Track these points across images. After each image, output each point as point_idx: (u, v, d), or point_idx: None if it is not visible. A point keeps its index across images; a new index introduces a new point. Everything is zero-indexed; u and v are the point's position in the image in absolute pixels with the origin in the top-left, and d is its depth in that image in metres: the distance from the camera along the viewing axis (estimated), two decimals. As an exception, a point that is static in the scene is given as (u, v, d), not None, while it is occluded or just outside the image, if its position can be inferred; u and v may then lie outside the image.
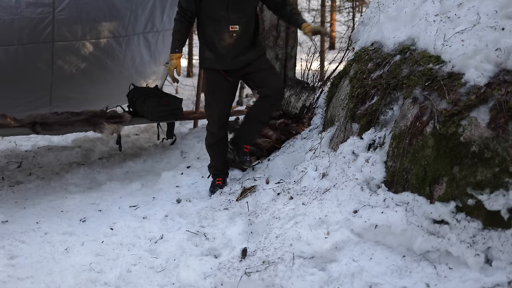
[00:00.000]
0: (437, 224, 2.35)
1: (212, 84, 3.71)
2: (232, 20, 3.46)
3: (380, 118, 2.91)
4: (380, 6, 3.49)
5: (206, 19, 3.53)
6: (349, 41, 3.94)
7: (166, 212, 3.52)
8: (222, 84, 3.66)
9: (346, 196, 2.77)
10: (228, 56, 3.55)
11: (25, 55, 4.83)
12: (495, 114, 2.31)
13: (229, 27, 3.47)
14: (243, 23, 3.50)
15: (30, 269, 2.82)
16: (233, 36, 3.50)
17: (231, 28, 3.47)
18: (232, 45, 3.52)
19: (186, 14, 3.56)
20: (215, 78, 3.66)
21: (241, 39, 3.53)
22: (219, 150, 3.86)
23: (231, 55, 3.55)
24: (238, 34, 3.50)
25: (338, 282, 2.33)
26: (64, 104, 5.43)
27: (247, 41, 3.57)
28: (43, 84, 5.29)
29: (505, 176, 2.21)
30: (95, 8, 4.97)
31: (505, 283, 2.06)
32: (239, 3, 3.45)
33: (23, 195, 4.12)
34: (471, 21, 2.69)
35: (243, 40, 3.54)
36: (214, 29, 3.52)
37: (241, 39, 3.52)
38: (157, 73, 6.62)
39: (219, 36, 3.51)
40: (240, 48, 3.55)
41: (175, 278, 2.70)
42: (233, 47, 3.53)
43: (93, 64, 5.53)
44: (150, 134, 6.31)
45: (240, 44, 3.54)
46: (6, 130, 4.34)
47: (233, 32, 3.49)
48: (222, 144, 3.85)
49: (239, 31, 3.49)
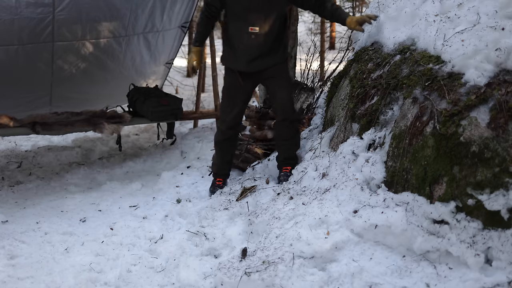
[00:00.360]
0: (437, 224, 2.35)
1: (227, 83, 3.66)
2: (251, 21, 3.35)
3: (380, 118, 2.91)
4: (380, 6, 3.49)
5: (230, 16, 3.46)
6: (349, 41, 3.94)
7: (166, 212, 3.52)
8: (235, 85, 3.59)
9: (346, 196, 2.77)
10: (243, 58, 3.45)
11: (25, 55, 4.83)
12: (495, 114, 2.30)
13: (248, 28, 3.35)
14: (264, 26, 3.35)
15: (30, 269, 2.82)
16: (252, 38, 3.37)
17: (251, 29, 3.35)
18: (250, 47, 3.40)
19: (210, 9, 3.50)
20: (230, 77, 3.61)
21: (261, 42, 3.39)
22: (225, 149, 3.79)
23: (247, 58, 3.44)
24: (258, 37, 3.37)
25: (338, 282, 2.33)
26: (64, 104, 5.44)
27: (267, 45, 3.41)
28: (43, 84, 5.29)
29: (505, 176, 2.21)
30: (95, 8, 4.97)
31: (505, 283, 2.06)
32: (261, 4, 3.31)
33: (23, 195, 4.12)
34: (471, 21, 2.69)
35: (263, 44, 3.39)
36: (235, 28, 3.43)
37: (260, 42, 3.39)
38: (157, 73, 6.62)
39: (238, 36, 3.42)
40: (258, 51, 3.41)
41: (175, 278, 2.70)
42: (251, 50, 3.41)
43: (93, 64, 5.53)
44: (150, 134, 6.31)
45: (259, 47, 3.40)
46: (6, 130, 4.34)
47: (252, 34, 3.36)
48: (229, 144, 3.77)
49: (259, 33, 3.36)
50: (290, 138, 3.62)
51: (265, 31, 3.38)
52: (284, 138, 3.63)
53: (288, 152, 3.63)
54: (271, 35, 3.41)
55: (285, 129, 3.61)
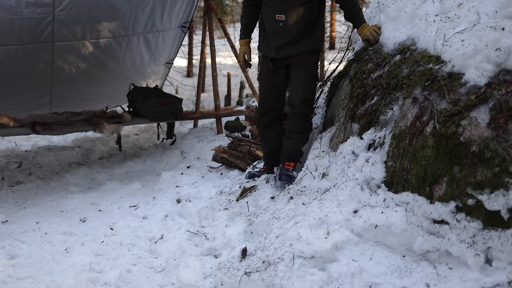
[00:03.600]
0: (437, 224, 2.35)
1: (262, 68, 3.71)
2: (278, 8, 3.34)
3: (380, 118, 2.91)
4: (380, 6, 3.49)
5: (262, 3, 3.48)
6: (349, 41, 3.93)
7: (166, 212, 3.52)
8: (267, 69, 3.60)
9: (346, 196, 2.77)
10: (273, 45, 3.46)
11: (25, 55, 4.83)
12: (495, 114, 2.30)
13: (275, 15, 3.35)
14: (292, 14, 3.32)
15: (30, 269, 2.82)
16: (280, 25, 3.36)
17: (277, 17, 3.34)
18: (278, 34, 3.40)
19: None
20: (263, 63, 3.65)
21: (288, 30, 3.36)
22: (264, 137, 3.74)
23: (276, 45, 3.44)
24: (285, 24, 3.34)
25: (338, 282, 2.33)
26: (64, 104, 5.45)
27: (295, 33, 3.36)
28: (43, 84, 5.29)
29: (505, 176, 2.20)
30: (95, 8, 4.97)
31: (505, 283, 2.06)
32: None
33: (23, 195, 4.12)
34: (471, 21, 2.69)
35: (291, 32, 3.36)
36: (266, 15, 3.45)
37: (288, 30, 3.36)
38: (157, 73, 6.62)
39: (268, 23, 3.44)
40: (286, 39, 3.39)
41: (175, 278, 2.70)
42: (279, 37, 3.40)
43: (93, 64, 5.53)
44: (150, 134, 6.32)
45: (286, 35, 3.37)
46: (6, 130, 4.34)
47: (280, 22, 3.35)
48: (266, 132, 3.71)
49: (286, 21, 3.33)
50: (299, 132, 3.53)
51: (293, 20, 3.34)
52: (292, 131, 3.55)
53: (296, 147, 3.54)
54: (300, 24, 3.35)
55: (293, 122, 3.54)
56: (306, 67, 3.48)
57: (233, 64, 12.19)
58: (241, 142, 4.25)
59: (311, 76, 3.51)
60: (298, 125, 3.53)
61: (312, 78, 3.52)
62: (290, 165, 3.49)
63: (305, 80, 3.48)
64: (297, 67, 3.48)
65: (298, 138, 3.54)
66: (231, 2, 11.66)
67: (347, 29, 3.69)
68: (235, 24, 14.03)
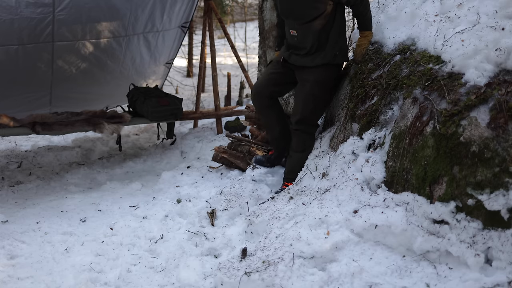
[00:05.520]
0: (437, 224, 2.35)
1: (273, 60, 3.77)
2: (291, 25, 3.40)
3: (380, 118, 2.91)
4: (380, 6, 3.49)
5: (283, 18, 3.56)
6: (349, 41, 3.93)
7: (166, 212, 3.52)
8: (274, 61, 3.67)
9: (346, 196, 2.77)
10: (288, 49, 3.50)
11: (25, 55, 4.83)
12: (495, 114, 2.30)
13: (290, 31, 3.42)
14: (302, 29, 3.33)
15: (30, 269, 2.82)
16: (295, 40, 3.40)
17: (291, 32, 3.40)
18: (295, 47, 3.44)
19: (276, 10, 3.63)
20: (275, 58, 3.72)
21: (302, 44, 3.37)
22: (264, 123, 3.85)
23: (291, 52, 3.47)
24: (299, 39, 3.37)
25: (338, 282, 2.33)
26: (64, 104, 5.44)
27: (309, 47, 3.34)
28: (43, 84, 5.29)
29: (505, 176, 2.20)
30: (95, 8, 4.97)
31: (505, 283, 2.06)
32: (295, 8, 3.29)
33: (23, 195, 4.12)
34: (471, 21, 2.69)
35: (305, 46, 3.36)
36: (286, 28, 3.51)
37: (302, 44, 3.38)
38: (157, 73, 6.62)
39: (287, 35, 3.49)
40: (300, 52, 3.41)
41: (175, 278, 2.70)
42: (295, 49, 3.45)
43: (93, 64, 5.53)
44: (150, 134, 6.31)
45: (301, 48, 3.39)
46: (6, 130, 4.34)
47: (294, 37, 3.40)
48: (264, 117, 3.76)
49: (299, 36, 3.36)
50: (298, 151, 3.48)
51: (304, 35, 3.35)
52: (292, 149, 3.53)
53: (293, 165, 3.49)
54: (312, 38, 3.32)
55: (294, 138, 3.52)
56: (309, 84, 3.39)
57: (233, 64, 12.19)
58: (241, 142, 4.25)
59: (313, 95, 3.41)
60: (296, 142, 3.50)
61: (315, 97, 3.42)
62: (288, 184, 3.43)
63: (305, 99, 3.42)
64: (301, 81, 3.46)
65: (296, 157, 3.49)
66: (231, 2, 11.65)
67: (347, 29, 3.69)
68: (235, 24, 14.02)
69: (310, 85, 3.38)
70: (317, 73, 3.37)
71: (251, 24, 14.81)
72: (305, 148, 3.49)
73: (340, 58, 3.40)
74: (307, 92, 3.40)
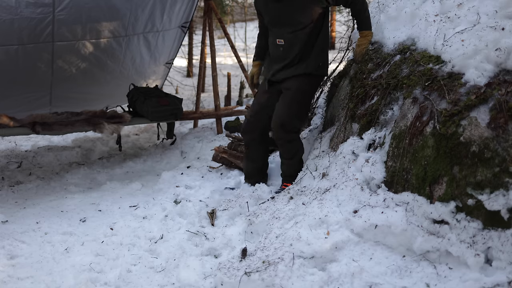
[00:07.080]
0: (437, 224, 2.35)
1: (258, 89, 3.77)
2: (278, 33, 3.37)
3: (380, 118, 2.91)
4: (380, 6, 3.49)
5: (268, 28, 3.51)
6: (349, 41, 3.93)
7: (166, 212, 3.52)
8: (261, 88, 3.65)
9: (346, 196, 2.77)
10: (272, 68, 3.48)
11: (25, 55, 4.83)
12: (495, 114, 2.30)
13: (276, 40, 3.38)
14: (290, 38, 3.32)
15: (30, 269, 2.82)
16: (280, 50, 3.38)
17: (278, 41, 3.37)
18: (278, 58, 3.42)
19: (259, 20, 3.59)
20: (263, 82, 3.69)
21: (287, 54, 3.36)
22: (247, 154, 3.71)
23: (274, 68, 3.46)
24: (285, 48, 3.35)
25: (338, 282, 2.33)
26: (64, 104, 5.44)
27: (292, 57, 3.36)
28: (43, 84, 5.29)
29: (505, 176, 2.20)
30: (95, 8, 4.97)
31: (505, 283, 2.06)
32: (285, 16, 3.28)
33: (23, 195, 4.12)
34: (471, 21, 2.69)
35: (289, 55, 3.36)
36: (270, 39, 3.50)
37: (287, 54, 3.37)
38: (157, 73, 6.62)
39: (271, 47, 3.48)
40: (283, 63, 3.39)
41: (175, 278, 2.70)
42: (278, 61, 3.42)
43: (93, 64, 5.53)
44: (150, 134, 6.32)
45: (285, 58, 3.38)
46: (6, 130, 4.34)
47: (280, 46, 3.37)
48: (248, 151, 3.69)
49: (285, 45, 3.34)
50: (287, 158, 3.47)
51: (291, 44, 3.34)
52: (281, 156, 3.53)
53: (288, 171, 3.50)
54: (297, 48, 3.33)
55: (280, 147, 3.51)
56: (290, 91, 3.39)
57: (233, 64, 12.19)
58: (241, 142, 4.25)
59: (295, 101, 3.40)
60: (283, 151, 3.49)
61: (297, 102, 3.40)
62: (287, 185, 3.43)
63: (286, 104, 3.40)
64: (285, 91, 3.45)
65: (288, 163, 3.49)
66: (231, 2, 11.65)
67: (347, 29, 3.69)
68: (235, 24, 14.03)
69: (292, 92, 3.40)
70: (299, 81, 3.40)
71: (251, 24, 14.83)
72: (294, 155, 3.47)
73: (322, 69, 3.44)
74: (289, 98, 3.40)
